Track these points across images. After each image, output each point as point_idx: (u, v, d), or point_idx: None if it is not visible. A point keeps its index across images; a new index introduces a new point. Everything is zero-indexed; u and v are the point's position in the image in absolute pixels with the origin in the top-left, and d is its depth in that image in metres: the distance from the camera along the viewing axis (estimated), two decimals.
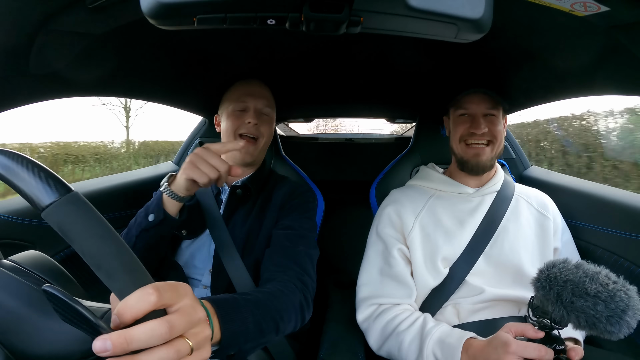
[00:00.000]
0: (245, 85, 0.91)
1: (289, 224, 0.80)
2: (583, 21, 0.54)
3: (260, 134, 0.87)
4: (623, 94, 0.74)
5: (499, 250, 0.79)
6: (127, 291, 0.32)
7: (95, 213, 0.33)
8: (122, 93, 0.93)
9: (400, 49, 0.87)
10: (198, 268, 0.84)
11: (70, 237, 0.32)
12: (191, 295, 0.38)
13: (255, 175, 0.91)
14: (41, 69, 0.58)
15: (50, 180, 0.33)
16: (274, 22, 0.37)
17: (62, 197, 0.32)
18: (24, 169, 0.33)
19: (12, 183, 0.33)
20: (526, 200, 0.88)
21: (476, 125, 0.83)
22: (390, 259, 0.81)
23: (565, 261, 0.52)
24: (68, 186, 0.33)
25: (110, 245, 0.33)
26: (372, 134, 2.53)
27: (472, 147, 0.85)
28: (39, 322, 0.39)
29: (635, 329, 0.47)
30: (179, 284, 0.37)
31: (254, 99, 0.87)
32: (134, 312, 0.31)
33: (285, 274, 0.70)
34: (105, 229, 0.33)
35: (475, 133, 0.83)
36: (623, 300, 0.46)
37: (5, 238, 0.75)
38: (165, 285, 0.34)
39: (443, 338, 0.66)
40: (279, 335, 0.58)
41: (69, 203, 0.32)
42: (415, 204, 0.86)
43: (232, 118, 0.87)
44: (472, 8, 0.35)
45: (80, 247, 0.32)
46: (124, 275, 0.32)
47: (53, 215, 0.32)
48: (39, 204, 0.32)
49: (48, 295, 0.32)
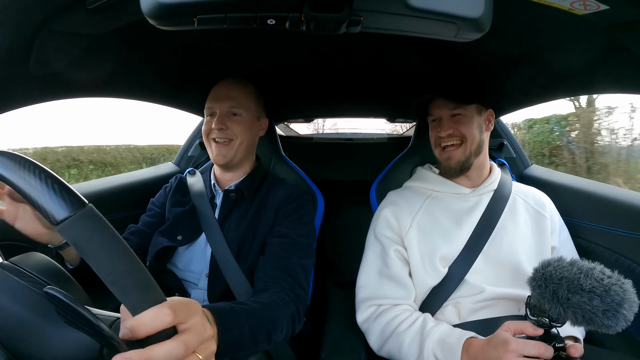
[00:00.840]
0: (215, 88, 0.90)
1: (284, 232, 0.80)
2: (582, 20, 0.54)
3: (232, 136, 0.86)
4: (622, 92, 0.74)
5: (498, 248, 0.79)
6: (140, 307, 0.33)
7: (110, 229, 0.33)
8: (122, 94, 0.93)
9: (400, 49, 0.87)
10: (195, 272, 0.83)
11: (86, 253, 0.32)
12: (200, 312, 0.40)
13: (248, 178, 0.91)
14: (41, 70, 0.58)
15: (65, 194, 0.32)
16: (274, 22, 0.37)
17: (77, 212, 0.32)
18: (38, 180, 0.32)
19: (25, 194, 0.32)
20: (523, 198, 0.88)
21: (440, 128, 0.85)
22: (388, 260, 0.81)
23: (559, 259, 0.53)
24: (83, 200, 0.33)
25: (125, 263, 0.33)
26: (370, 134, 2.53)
27: (445, 151, 0.86)
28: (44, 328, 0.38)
29: (636, 326, 0.47)
30: (190, 302, 0.40)
31: (218, 103, 0.87)
32: (148, 329, 0.33)
33: (279, 284, 0.71)
34: (121, 246, 0.33)
35: (440, 136, 0.85)
36: (618, 293, 0.47)
37: (6, 239, 0.74)
38: (179, 304, 0.36)
39: (443, 338, 0.66)
40: (270, 345, 0.60)
41: (84, 218, 0.32)
42: (412, 205, 0.87)
43: (205, 125, 0.89)
44: (472, 7, 0.35)
45: (96, 264, 0.32)
46: (139, 293, 0.33)
47: (68, 231, 0.32)
48: (54, 218, 0.32)
49: (50, 297, 0.32)
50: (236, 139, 0.87)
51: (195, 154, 1.47)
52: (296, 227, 0.82)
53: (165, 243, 0.83)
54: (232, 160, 0.88)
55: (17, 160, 0.33)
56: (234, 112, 0.87)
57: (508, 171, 0.98)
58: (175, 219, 0.87)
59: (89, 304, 0.43)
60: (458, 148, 0.84)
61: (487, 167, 0.91)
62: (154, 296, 0.34)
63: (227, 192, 0.88)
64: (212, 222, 0.84)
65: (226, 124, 0.85)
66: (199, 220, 0.85)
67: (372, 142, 1.71)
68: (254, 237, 0.82)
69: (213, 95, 0.89)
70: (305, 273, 0.77)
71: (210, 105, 0.88)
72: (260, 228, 0.83)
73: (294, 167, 1.19)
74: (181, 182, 0.95)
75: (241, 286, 0.78)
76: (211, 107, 0.88)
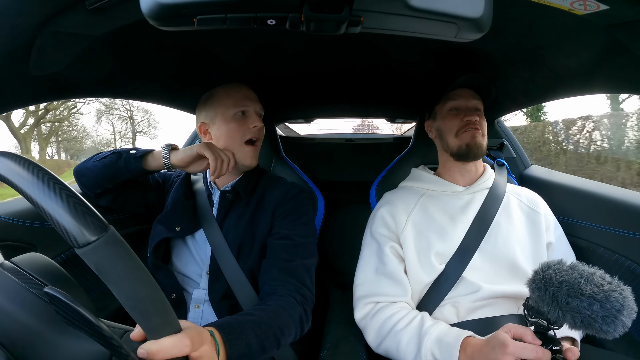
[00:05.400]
0: (241, 89, 0.90)
1: (285, 233, 0.80)
2: (582, 20, 0.54)
3: (261, 137, 0.90)
4: (622, 92, 0.74)
5: (493, 245, 0.79)
6: (156, 331, 0.35)
7: (132, 255, 0.34)
8: (122, 94, 0.93)
9: (400, 49, 0.87)
10: (195, 270, 0.84)
11: (108, 278, 0.32)
12: (209, 341, 0.47)
13: (243, 179, 0.90)
14: (41, 71, 0.58)
15: (89, 217, 0.32)
16: (274, 23, 0.37)
17: (101, 237, 0.32)
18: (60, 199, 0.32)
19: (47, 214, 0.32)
20: (517, 197, 0.90)
21: (469, 115, 0.86)
22: (384, 258, 0.81)
23: (560, 262, 0.53)
24: (105, 223, 0.33)
25: (146, 289, 0.34)
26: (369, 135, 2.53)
27: (468, 132, 0.86)
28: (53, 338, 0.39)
29: (636, 327, 0.47)
30: (202, 331, 0.45)
31: (252, 103, 0.88)
32: (167, 355, 0.37)
33: (285, 287, 0.72)
34: (142, 272, 0.34)
35: (471, 120, 0.86)
36: (618, 300, 0.47)
37: (6, 240, 0.74)
38: (195, 334, 0.41)
39: (441, 337, 0.66)
40: (280, 349, 0.63)
41: (107, 245, 0.32)
42: (407, 203, 0.88)
43: (234, 123, 0.85)
44: (472, 7, 0.35)
45: (117, 289, 0.32)
46: (157, 318, 0.35)
47: (91, 256, 0.32)
48: (76, 242, 0.31)
49: (50, 298, 0.32)
50: (260, 141, 0.90)
51: None
52: (296, 228, 0.82)
53: (164, 234, 0.84)
54: None
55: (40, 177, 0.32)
56: (260, 113, 0.90)
57: (504, 171, 0.98)
58: (175, 209, 0.88)
59: (89, 305, 0.43)
60: (479, 133, 0.87)
61: (481, 166, 0.94)
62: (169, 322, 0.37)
63: (223, 192, 0.89)
64: (210, 219, 0.85)
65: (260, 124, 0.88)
66: (199, 215, 0.86)
67: (372, 143, 1.71)
68: (253, 237, 0.82)
69: (243, 94, 0.88)
70: (309, 273, 0.78)
71: (245, 103, 0.86)
72: (259, 228, 0.83)
73: (295, 168, 1.19)
74: (188, 175, 0.96)
75: (242, 286, 0.78)
76: (245, 105, 0.87)
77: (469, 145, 0.86)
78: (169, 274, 0.83)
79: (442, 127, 0.91)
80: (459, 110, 0.88)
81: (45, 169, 0.34)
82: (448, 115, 0.90)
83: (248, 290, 0.78)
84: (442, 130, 0.91)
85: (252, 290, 0.79)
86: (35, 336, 0.38)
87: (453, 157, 0.90)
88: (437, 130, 0.94)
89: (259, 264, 0.79)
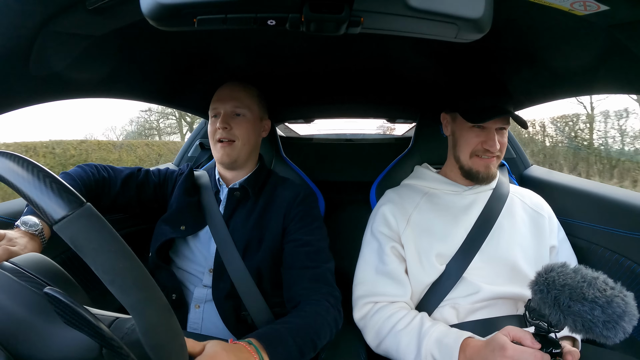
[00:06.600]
0: (219, 90, 0.91)
1: (307, 240, 0.81)
2: (582, 20, 0.54)
3: (235, 136, 0.87)
4: (623, 92, 0.74)
5: (495, 247, 0.79)
6: (139, 306, 0.33)
7: (108, 228, 0.33)
8: (123, 94, 0.93)
9: (400, 49, 0.87)
10: (198, 266, 0.84)
11: (84, 252, 0.32)
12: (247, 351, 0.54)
13: (252, 177, 0.91)
14: (41, 71, 0.58)
15: (63, 193, 0.32)
16: (274, 23, 0.37)
17: (75, 211, 0.32)
18: (36, 178, 0.32)
19: (23, 193, 0.32)
20: (520, 199, 0.89)
21: (491, 142, 0.79)
22: (385, 257, 0.81)
23: (563, 265, 0.53)
24: (81, 199, 0.33)
25: (123, 262, 0.33)
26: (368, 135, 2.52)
27: (483, 160, 0.82)
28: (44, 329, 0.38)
29: (636, 328, 0.47)
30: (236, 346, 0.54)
31: (222, 104, 0.88)
32: None
33: (317, 293, 0.74)
34: (119, 244, 0.33)
35: (490, 150, 0.80)
36: (620, 306, 0.47)
37: None
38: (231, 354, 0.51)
39: (440, 338, 0.66)
40: (316, 352, 0.67)
41: (82, 217, 0.32)
42: (409, 201, 0.87)
43: (209, 126, 0.90)
44: (472, 8, 0.35)
45: (94, 262, 0.32)
46: (137, 292, 0.33)
47: (66, 230, 0.31)
48: (51, 217, 0.31)
49: (49, 298, 0.32)
50: (238, 140, 0.87)
51: (195, 155, 1.47)
52: (314, 233, 0.83)
53: (169, 234, 0.83)
54: (237, 161, 0.88)
55: (15, 160, 0.33)
56: (237, 113, 0.88)
57: (506, 172, 0.98)
58: (180, 208, 0.87)
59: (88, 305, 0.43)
60: (494, 158, 0.83)
61: None
62: (152, 295, 0.34)
63: (231, 190, 0.89)
64: (217, 216, 0.85)
65: (230, 124, 0.86)
66: (204, 212, 0.86)
67: (372, 143, 1.71)
68: (261, 236, 0.83)
69: (217, 96, 0.90)
70: (332, 275, 0.80)
71: (215, 106, 0.89)
72: (269, 227, 0.83)
73: (294, 168, 1.18)
74: (191, 171, 0.96)
75: (246, 285, 0.78)
76: (216, 107, 0.89)
77: (479, 172, 0.83)
78: (170, 274, 0.83)
79: (459, 138, 0.85)
80: (482, 129, 0.81)
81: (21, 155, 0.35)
82: (470, 131, 0.82)
83: (253, 290, 0.78)
84: (457, 140, 0.86)
85: (256, 290, 0.79)
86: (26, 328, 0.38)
87: (459, 170, 0.87)
88: (452, 133, 0.88)
89: (266, 263, 0.80)
